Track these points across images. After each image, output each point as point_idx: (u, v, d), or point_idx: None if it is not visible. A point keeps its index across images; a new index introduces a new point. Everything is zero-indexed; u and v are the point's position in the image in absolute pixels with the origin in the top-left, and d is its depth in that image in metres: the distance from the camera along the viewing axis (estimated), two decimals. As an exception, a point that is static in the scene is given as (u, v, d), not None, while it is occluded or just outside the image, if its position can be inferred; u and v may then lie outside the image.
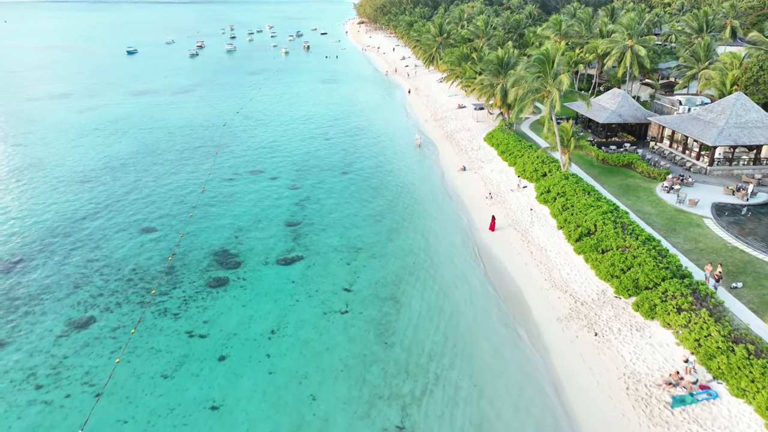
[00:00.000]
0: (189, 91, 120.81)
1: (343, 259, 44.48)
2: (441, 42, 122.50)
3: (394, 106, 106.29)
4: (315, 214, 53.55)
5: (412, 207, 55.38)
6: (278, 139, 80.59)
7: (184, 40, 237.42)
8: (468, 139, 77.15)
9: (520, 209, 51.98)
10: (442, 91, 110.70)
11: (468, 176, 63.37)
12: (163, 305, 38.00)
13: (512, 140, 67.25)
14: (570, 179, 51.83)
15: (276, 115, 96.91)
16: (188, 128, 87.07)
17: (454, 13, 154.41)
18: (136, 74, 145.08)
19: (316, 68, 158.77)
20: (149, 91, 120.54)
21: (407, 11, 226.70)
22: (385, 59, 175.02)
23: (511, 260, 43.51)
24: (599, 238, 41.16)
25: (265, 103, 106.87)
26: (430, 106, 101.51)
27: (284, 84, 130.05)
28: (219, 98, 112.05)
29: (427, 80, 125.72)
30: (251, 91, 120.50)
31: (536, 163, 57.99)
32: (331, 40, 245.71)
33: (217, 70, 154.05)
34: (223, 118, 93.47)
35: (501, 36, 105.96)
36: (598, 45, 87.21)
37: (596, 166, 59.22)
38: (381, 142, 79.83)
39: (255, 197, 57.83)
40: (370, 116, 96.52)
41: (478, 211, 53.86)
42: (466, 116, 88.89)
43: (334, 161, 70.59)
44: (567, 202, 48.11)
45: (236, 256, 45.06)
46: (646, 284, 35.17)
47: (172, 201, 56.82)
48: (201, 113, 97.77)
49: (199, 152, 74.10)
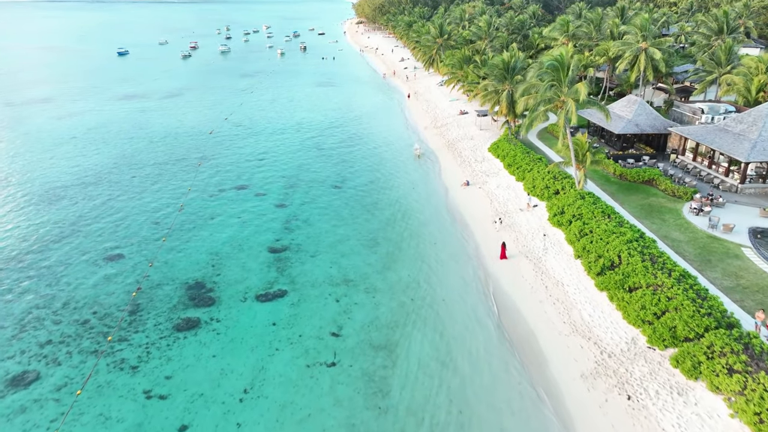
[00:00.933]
0: (177, 95, 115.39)
1: (333, 295, 39.11)
2: (441, 43, 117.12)
3: (392, 111, 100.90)
4: (303, 238, 48.18)
5: (411, 229, 50.01)
6: (267, 150, 75.20)
7: (178, 40, 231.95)
8: (471, 149, 71.79)
9: (532, 233, 46.62)
10: (442, 95, 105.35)
11: (472, 192, 58.01)
12: (121, 355, 32.62)
13: (519, 152, 61.92)
14: (587, 199, 46.49)
15: (267, 122, 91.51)
16: (172, 137, 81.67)
17: (455, 13, 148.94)
18: (124, 77, 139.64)
19: (311, 70, 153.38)
20: (135, 95, 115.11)
21: (406, 11, 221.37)
22: (383, 61, 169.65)
23: (524, 297, 38.14)
24: (625, 273, 35.81)
25: (256, 109, 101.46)
26: (431, 111, 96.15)
27: (278, 87, 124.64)
28: (208, 103, 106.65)
29: (427, 83, 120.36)
30: (242, 95, 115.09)
31: (547, 179, 52.66)
32: (328, 40, 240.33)
33: (209, 72, 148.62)
34: (211, 126, 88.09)
35: (505, 37, 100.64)
36: (609, 47, 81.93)
37: (613, 182, 53.89)
38: (378, 152, 74.47)
39: (238, 218, 52.45)
40: (367, 123, 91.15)
41: (485, 234, 48.49)
42: (468, 123, 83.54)
43: (326, 174, 65.20)
44: (585, 227, 42.75)
45: (211, 290, 39.69)
46: (686, 334, 29.84)
47: (146, 222, 51.43)
48: (187, 120, 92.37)
49: (181, 164, 68.68)
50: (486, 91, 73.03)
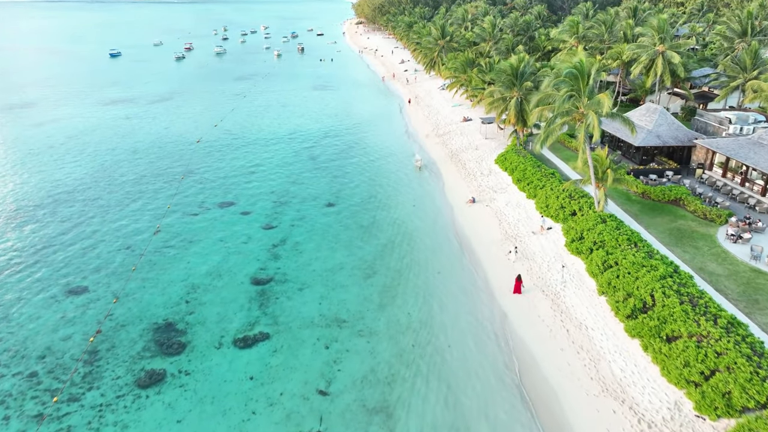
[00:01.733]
0: (167, 99, 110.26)
1: (322, 339, 33.99)
2: (443, 45, 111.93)
3: (391, 117, 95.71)
4: (290, 266, 43.05)
5: (412, 255, 44.86)
6: (257, 161, 70.08)
7: (174, 41, 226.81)
8: (476, 160, 66.64)
9: (548, 262, 41.48)
10: (444, 100, 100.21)
11: (479, 211, 52.87)
12: (67, 420, 27.54)
13: (529, 165, 56.80)
14: (608, 223, 41.35)
15: (258, 129, 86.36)
16: (157, 146, 76.56)
17: (457, 14, 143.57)
18: (113, 80, 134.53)
19: (308, 73, 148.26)
20: (123, 99, 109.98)
21: (406, 11, 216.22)
22: (382, 62, 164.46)
23: (543, 344, 33.01)
24: (661, 318, 30.69)
25: (248, 115, 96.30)
26: (432, 118, 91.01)
27: (272, 92, 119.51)
28: (198, 108, 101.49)
29: (428, 87, 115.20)
30: (235, 100, 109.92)
31: (562, 198, 47.54)
32: (327, 41, 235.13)
33: (202, 75, 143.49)
34: (199, 134, 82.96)
35: (510, 39, 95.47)
36: (622, 50, 76.73)
37: (635, 200, 48.77)
38: (376, 163, 69.30)
39: (220, 241, 47.34)
40: (365, 131, 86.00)
41: (495, 261, 43.34)
42: (472, 131, 78.40)
43: (320, 189, 60.07)
44: (608, 257, 37.63)
45: (182, 333, 34.60)
46: (745, 403, 24.75)
47: (117, 246, 46.33)
48: (175, 127, 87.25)
49: (162, 177, 63.57)
50: (492, 97, 67.89)
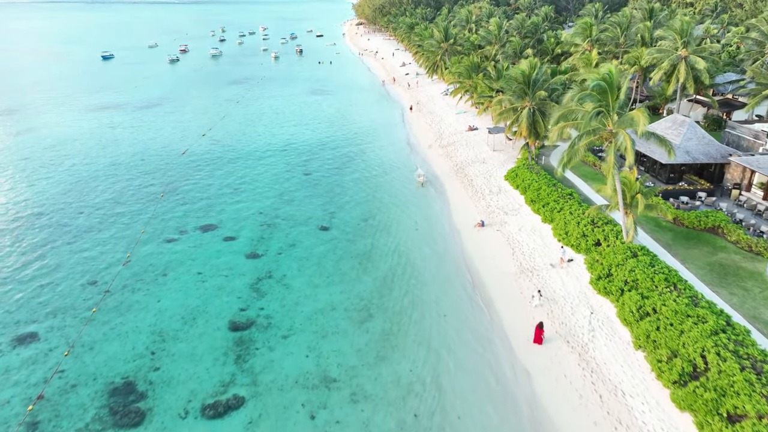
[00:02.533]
0: (156, 105, 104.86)
1: (307, 406, 28.52)
2: (446, 49, 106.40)
3: (392, 126, 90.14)
4: (275, 307, 37.60)
5: (414, 293, 39.37)
6: (246, 175, 64.64)
7: (170, 43, 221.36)
8: (484, 175, 61.16)
9: (571, 304, 36.00)
10: (448, 106, 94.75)
11: (489, 236, 47.36)
12: None
13: (544, 183, 51.34)
14: (640, 258, 35.86)
15: (249, 139, 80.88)
16: (139, 158, 71.15)
17: (461, 15, 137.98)
18: (102, 84, 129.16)
19: (306, 76, 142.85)
20: (110, 105, 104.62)
21: (408, 12, 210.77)
22: (383, 65, 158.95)
23: (572, 413, 27.48)
24: (718, 389, 25.20)
25: (239, 123, 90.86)
26: (435, 126, 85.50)
27: (267, 97, 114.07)
28: (187, 115, 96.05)
29: (430, 92, 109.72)
30: (227, 106, 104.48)
31: (584, 225, 42.08)
32: (326, 43, 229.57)
33: (195, 79, 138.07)
34: (185, 144, 77.54)
35: (518, 42, 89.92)
36: (641, 55, 71.27)
37: (665, 227, 43.29)
38: (375, 179, 63.79)
39: (197, 274, 41.90)
40: (363, 141, 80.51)
41: (509, 300, 37.85)
42: (479, 141, 72.92)
43: (312, 209, 54.62)
44: (644, 302, 32.14)
45: (143, 397, 29.15)
46: None
47: (80, 281, 40.90)
48: (161, 136, 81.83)
49: (141, 194, 58.16)
50: (501, 106, 62.45)
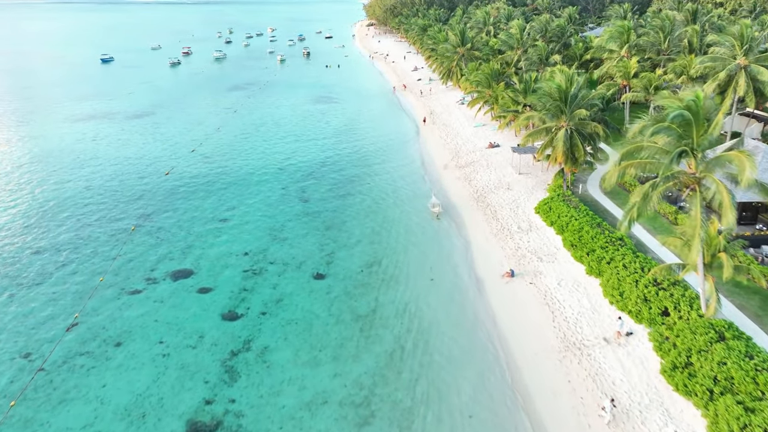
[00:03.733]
0: (148, 114, 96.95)
1: None
2: (463, 54, 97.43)
3: (403, 142, 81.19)
4: (250, 397, 29.03)
5: (428, 377, 30.55)
6: (234, 202, 56.26)
7: (174, 44, 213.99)
8: (510, 205, 52.28)
9: (639, 404, 27.04)
10: (465, 117, 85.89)
11: (520, 291, 38.47)
12: None
13: (586, 222, 42.39)
14: (731, 344, 27.04)
15: (242, 157, 72.47)
16: (117, 178, 63.04)
17: (477, 16, 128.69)
18: (96, 90, 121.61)
19: (312, 81, 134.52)
20: (99, 114, 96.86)
21: (420, 13, 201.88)
22: (393, 69, 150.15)
23: None
24: None
25: (234, 136, 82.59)
26: (451, 142, 76.64)
27: (268, 105, 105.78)
28: (178, 127, 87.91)
29: (445, 101, 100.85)
30: (224, 115, 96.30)
31: (644, 285, 33.17)
32: (334, 45, 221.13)
33: (195, 84, 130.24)
34: (171, 161, 69.33)
35: (543, 48, 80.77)
36: (689, 63, 61.95)
37: (747, 286, 34.17)
38: (383, 209, 55.03)
39: (157, 344, 33.45)
40: (371, 160, 71.78)
41: (553, 394, 28.95)
42: (501, 162, 64.02)
43: (308, 249, 46.04)
44: (750, 418, 23.18)
45: None
46: None
47: (11, 353, 32.63)
48: (145, 152, 73.75)
49: (110, 228, 49.95)
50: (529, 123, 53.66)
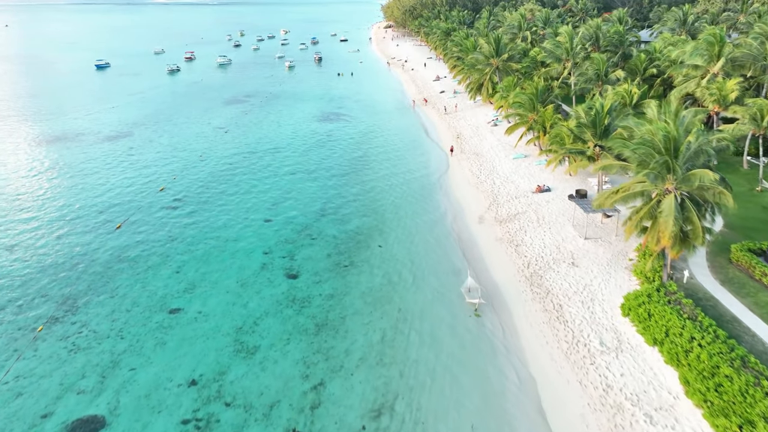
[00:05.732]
0: (124, 135, 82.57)
1: None
2: (498, 66, 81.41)
3: (424, 180, 64.90)
4: None
5: None
6: (193, 282, 41.02)
7: (179, 48, 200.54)
8: (580, 297, 36.37)
9: None
10: (500, 144, 70.10)
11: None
12: None
13: (720, 358, 26.40)
14: None
15: (221, 201, 57.15)
16: (53, 235, 48.38)
17: (510, 20, 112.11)
18: (76, 103, 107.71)
19: (321, 92, 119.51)
20: (68, 135, 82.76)
21: (442, 15, 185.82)
22: (412, 79, 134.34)
23: None
24: None
25: (217, 168, 67.60)
26: (486, 179, 60.78)
27: (267, 124, 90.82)
28: (155, 154, 73.22)
29: (474, 120, 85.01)
30: (212, 137, 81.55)
31: None
32: (348, 49, 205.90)
33: (190, 95, 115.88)
34: (128, 208, 54.53)
35: (601, 61, 64.38)
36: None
37: None
38: (398, 294, 39.33)
39: None
40: (382, 206, 56.24)
41: None
42: (556, 215, 48.18)
43: (284, 379, 30.62)
44: None
45: None
46: None
47: None
48: (103, 192, 59.06)
49: (12, 325, 35.14)
50: (624, 189, 37.77)
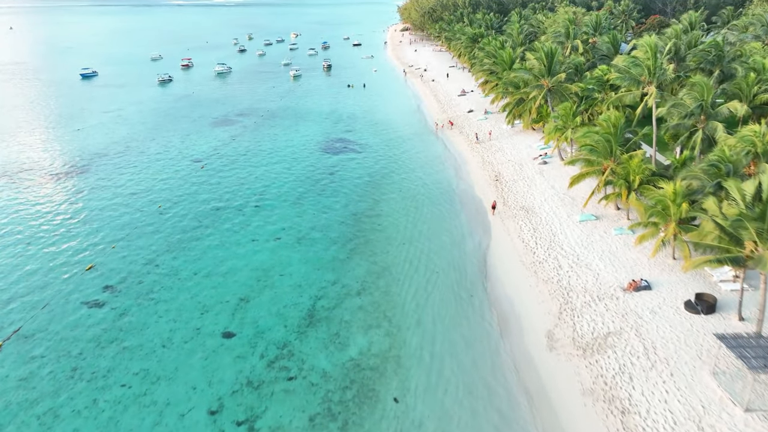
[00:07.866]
0: (78, 172, 66.20)
1: None
2: (550, 87, 63.65)
3: (458, 261, 46.94)
4: None
5: None
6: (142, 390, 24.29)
7: (178, 53, 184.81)
8: None
9: None
10: (555, 193, 52.60)
11: None
12: None
13: None
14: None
15: (176, 282, 40.56)
16: None
17: (557, 27, 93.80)
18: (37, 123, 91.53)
19: (328, 109, 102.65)
20: (11, 169, 66.78)
21: (465, 18, 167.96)
22: (434, 93, 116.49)
23: None
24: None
25: (179, 224, 50.93)
26: (547, 259, 43.12)
27: (255, 154, 73.96)
28: (106, 200, 56.74)
29: (514, 153, 67.48)
30: (185, 174, 64.87)
31: None
32: (362, 55, 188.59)
33: (174, 114, 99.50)
34: (35, 299, 37.94)
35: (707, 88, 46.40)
36: None
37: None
38: None
39: None
40: (397, 316, 39.00)
41: None
42: (676, 343, 30.64)
43: None
44: None
45: None
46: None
47: None
48: (9, 268, 42.63)
49: None
50: None
